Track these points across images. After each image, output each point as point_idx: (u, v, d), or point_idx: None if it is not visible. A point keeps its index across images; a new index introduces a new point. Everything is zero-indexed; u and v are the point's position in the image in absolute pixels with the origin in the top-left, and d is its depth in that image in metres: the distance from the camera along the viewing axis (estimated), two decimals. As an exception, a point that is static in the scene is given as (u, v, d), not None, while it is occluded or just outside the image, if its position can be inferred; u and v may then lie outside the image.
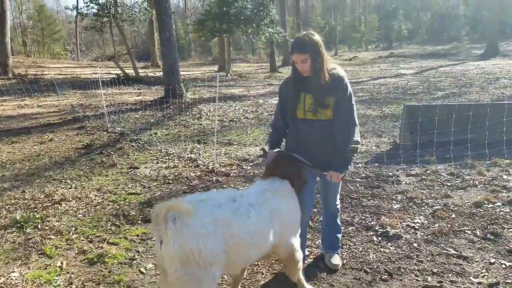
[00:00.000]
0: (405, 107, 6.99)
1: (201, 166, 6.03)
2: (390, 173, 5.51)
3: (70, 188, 5.29)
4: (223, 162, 6.17)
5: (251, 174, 5.62)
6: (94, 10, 19.91)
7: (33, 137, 8.16)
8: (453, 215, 4.08)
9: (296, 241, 2.67)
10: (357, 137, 2.82)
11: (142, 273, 3.27)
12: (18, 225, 4.12)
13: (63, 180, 5.58)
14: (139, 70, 20.90)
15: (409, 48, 45.05)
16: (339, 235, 3.33)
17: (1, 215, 4.44)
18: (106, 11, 19.21)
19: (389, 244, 3.58)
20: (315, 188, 3.11)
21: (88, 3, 19.78)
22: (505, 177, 5.13)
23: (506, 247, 3.41)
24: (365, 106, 11.17)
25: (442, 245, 3.50)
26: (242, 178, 5.47)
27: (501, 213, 4.08)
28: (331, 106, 2.78)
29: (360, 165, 5.97)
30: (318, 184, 3.23)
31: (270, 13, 21.90)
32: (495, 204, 4.29)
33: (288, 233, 2.60)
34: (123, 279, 3.16)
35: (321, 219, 3.70)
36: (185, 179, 5.52)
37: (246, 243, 2.28)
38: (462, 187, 4.90)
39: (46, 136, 8.16)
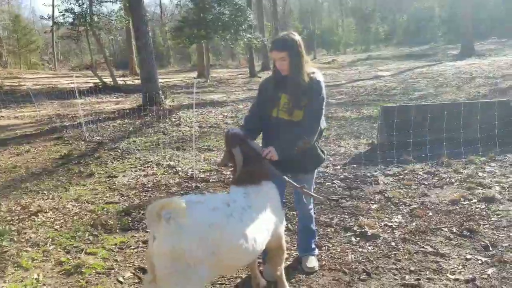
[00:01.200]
0: (381, 109, 7.11)
1: (180, 173, 5.99)
2: (368, 174, 5.59)
3: (47, 199, 5.18)
4: (202, 168, 6.14)
5: (231, 179, 5.61)
6: (70, 19, 19.66)
7: (9, 148, 7.97)
8: (430, 213, 4.16)
9: (282, 230, 2.73)
10: (311, 137, 2.78)
11: (120, 282, 3.22)
12: (-7, 238, 4.02)
13: (40, 191, 5.46)
14: (118, 78, 20.68)
15: (386, 50, 45.86)
16: (314, 239, 3.36)
17: (-26, 229, 4.31)
18: (82, 20, 18.96)
19: (368, 244, 3.62)
20: (284, 192, 3.10)
21: (64, 12, 19.53)
22: (480, 174, 5.26)
23: (482, 243, 3.49)
24: (344, 109, 11.31)
25: (419, 243, 3.56)
26: (222, 184, 5.46)
27: (477, 209, 4.18)
28: (303, 107, 2.80)
29: (338, 166, 6.04)
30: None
31: (248, 19, 21.99)
32: (471, 201, 4.39)
33: (277, 225, 2.65)
34: (101, 289, 3.11)
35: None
36: (164, 186, 5.48)
37: (240, 247, 2.29)
38: (438, 185, 5.00)
39: (23, 148, 7.98)
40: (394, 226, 3.93)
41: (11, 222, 4.47)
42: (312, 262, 3.25)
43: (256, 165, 2.63)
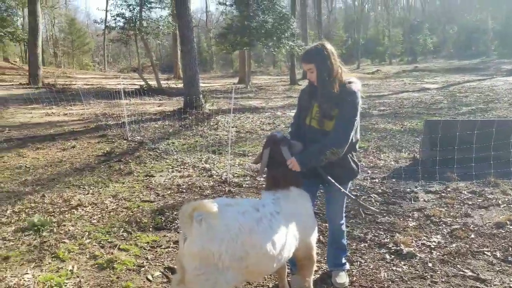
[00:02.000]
0: (425, 122, 6.84)
1: (215, 176, 6.04)
2: (408, 189, 5.38)
3: (88, 194, 5.38)
4: (236, 173, 6.16)
5: (263, 186, 5.59)
6: (121, 24, 20.64)
7: (57, 143, 8.37)
8: (472, 235, 3.93)
9: (313, 240, 2.68)
10: (339, 148, 2.67)
11: (149, 280, 3.27)
12: (35, 228, 4.20)
13: (81, 186, 5.68)
14: (162, 82, 21.29)
15: (434, 63, 44.33)
16: (344, 254, 3.26)
17: (20, 218, 4.54)
18: (132, 25, 19.80)
19: (402, 263, 3.46)
20: (314, 201, 3.06)
21: (115, 16, 20.48)
22: (530, 197, 4.93)
23: (527, 271, 3.25)
24: (386, 120, 11.00)
25: (458, 266, 3.36)
26: (254, 189, 5.45)
27: (523, 234, 3.91)
28: (335, 117, 2.74)
29: (376, 180, 5.86)
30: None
31: (291, 27, 22.03)
32: (518, 225, 4.11)
33: (307, 234, 2.62)
34: (130, 285, 3.17)
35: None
36: (198, 188, 5.54)
37: (267, 252, 2.29)
38: (483, 206, 4.72)
39: (69, 143, 8.36)
40: (432, 246, 3.74)
41: (53, 213, 4.68)
42: (343, 278, 3.15)
43: (280, 170, 2.61)
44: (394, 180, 5.82)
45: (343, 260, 3.24)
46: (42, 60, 22.21)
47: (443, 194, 5.15)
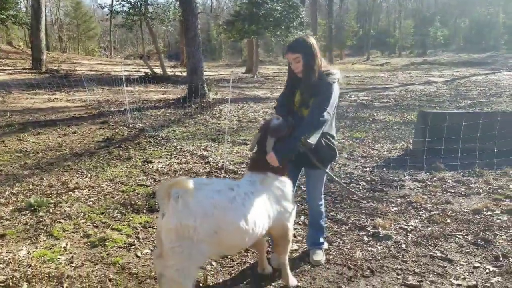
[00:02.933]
0: (419, 114, 6.95)
1: (212, 163, 6.23)
2: (396, 178, 5.52)
3: (85, 177, 5.60)
4: (233, 160, 6.34)
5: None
6: (126, 9, 20.48)
7: (58, 129, 8.61)
8: (449, 220, 4.09)
9: (290, 221, 2.83)
10: (310, 133, 2.78)
11: (138, 257, 3.48)
12: (32, 208, 4.44)
13: (79, 170, 5.91)
14: (169, 69, 21.44)
15: (444, 56, 43.91)
16: (322, 234, 3.43)
17: (18, 199, 4.78)
18: (137, 10, 19.68)
19: (378, 244, 3.64)
20: (295, 184, 3.23)
21: (120, 1, 20.24)
22: (511, 186, 5.06)
23: (494, 253, 3.41)
24: (387, 112, 11.09)
25: (430, 248, 3.54)
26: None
27: (497, 220, 4.06)
28: (310, 106, 2.93)
29: (368, 168, 6.01)
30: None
31: (300, 16, 21.95)
32: (494, 212, 4.26)
33: (283, 216, 2.78)
34: (119, 261, 3.38)
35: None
36: (194, 174, 5.74)
37: (240, 228, 2.47)
38: (465, 194, 4.86)
39: (70, 129, 8.59)
40: (409, 230, 3.91)
41: (50, 195, 4.91)
42: (319, 255, 3.34)
43: (262, 156, 2.78)
44: (384, 169, 5.96)
45: (321, 240, 3.42)
46: (47, 45, 22.15)
47: (428, 183, 5.29)
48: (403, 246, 3.58)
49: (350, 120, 9.84)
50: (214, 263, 3.35)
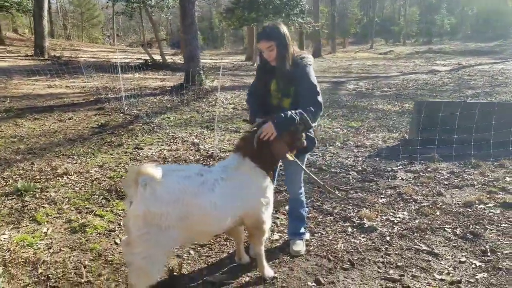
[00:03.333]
0: (416, 103, 6.81)
1: (202, 151, 6.15)
2: (389, 168, 5.42)
3: (75, 163, 5.55)
4: (224, 148, 6.26)
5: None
6: (125, -4, 20.31)
7: (54, 115, 8.56)
8: (438, 213, 3.99)
9: (264, 213, 2.71)
10: (313, 119, 2.76)
11: (116, 244, 3.43)
12: (19, 193, 4.41)
13: (70, 156, 5.86)
14: (170, 57, 21.30)
15: (449, 44, 43.24)
16: (302, 224, 3.35)
17: (7, 183, 4.75)
18: (136, -4, 19.54)
19: (362, 235, 3.56)
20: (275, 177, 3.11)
21: (119, -12, 20.17)
22: (508, 179, 4.93)
23: (482, 248, 3.31)
24: (386, 101, 10.94)
25: (415, 241, 3.45)
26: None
27: (489, 214, 3.95)
28: (291, 95, 2.85)
29: (360, 158, 5.91)
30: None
31: (300, 3, 21.66)
32: (486, 205, 4.15)
33: (256, 207, 2.67)
34: (97, 247, 3.34)
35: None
36: (183, 161, 5.67)
37: (209, 214, 2.41)
38: (458, 186, 4.76)
39: (67, 115, 8.54)
40: (395, 222, 3.82)
41: (39, 180, 4.87)
42: (299, 246, 3.27)
43: (249, 138, 2.69)
44: (377, 159, 5.86)
45: (302, 230, 3.34)
46: (52, 33, 22.19)
47: (421, 174, 5.19)
48: (388, 238, 3.49)
49: (347, 109, 9.71)
50: (192, 251, 3.30)
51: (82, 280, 2.92)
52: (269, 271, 2.92)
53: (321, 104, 2.80)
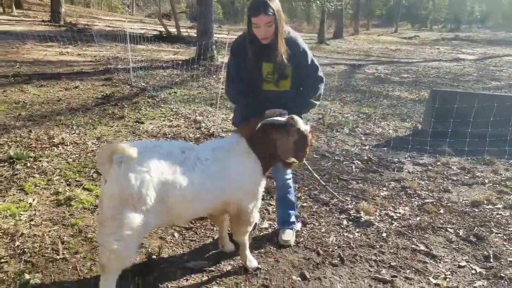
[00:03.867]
0: (431, 91, 6.45)
1: (203, 129, 5.96)
2: (396, 160, 5.16)
3: (73, 133, 5.44)
4: (225, 128, 6.06)
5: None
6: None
7: (61, 82, 8.44)
8: (442, 211, 3.75)
9: (249, 205, 2.52)
10: (319, 98, 2.77)
11: (99, 221, 3.30)
12: (11, 160, 4.32)
13: (70, 126, 5.74)
14: (186, 30, 20.95)
15: (478, 32, 41.66)
16: (292, 211, 3.15)
17: (2, 150, 4.66)
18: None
19: (357, 230, 3.35)
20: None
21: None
22: (523, 178, 4.63)
23: (485, 252, 3.08)
24: (403, 88, 10.52)
25: (413, 240, 3.23)
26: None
27: (497, 216, 3.69)
28: (289, 75, 2.64)
29: (367, 147, 5.64)
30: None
31: (324, -20, 20.89)
32: (495, 206, 3.88)
33: (240, 192, 2.47)
34: (79, 223, 3.22)
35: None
36: (183, 139, 5.50)
37: (188, 195, 2.24)
38: (467, 183, 4.48)
39: (73, 83, 8.41)
40: (395, 217, 3.60)
41: (34, 149, 4.77)
42: (288, 236, 3.08)
43: (251, 126, 2.50)
44: (385, 148, 5.59)
45: (292, 219, 3.15)
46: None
47: (430, 167, 4.91)
48: (384, 235, 3.28)
49: (361, 94, 9.35)
50: (176, 234, 3.16)
51: (58, 257, 2.80)
52: (252, 262, 2.75)
53: (323, 78, 2.75)
